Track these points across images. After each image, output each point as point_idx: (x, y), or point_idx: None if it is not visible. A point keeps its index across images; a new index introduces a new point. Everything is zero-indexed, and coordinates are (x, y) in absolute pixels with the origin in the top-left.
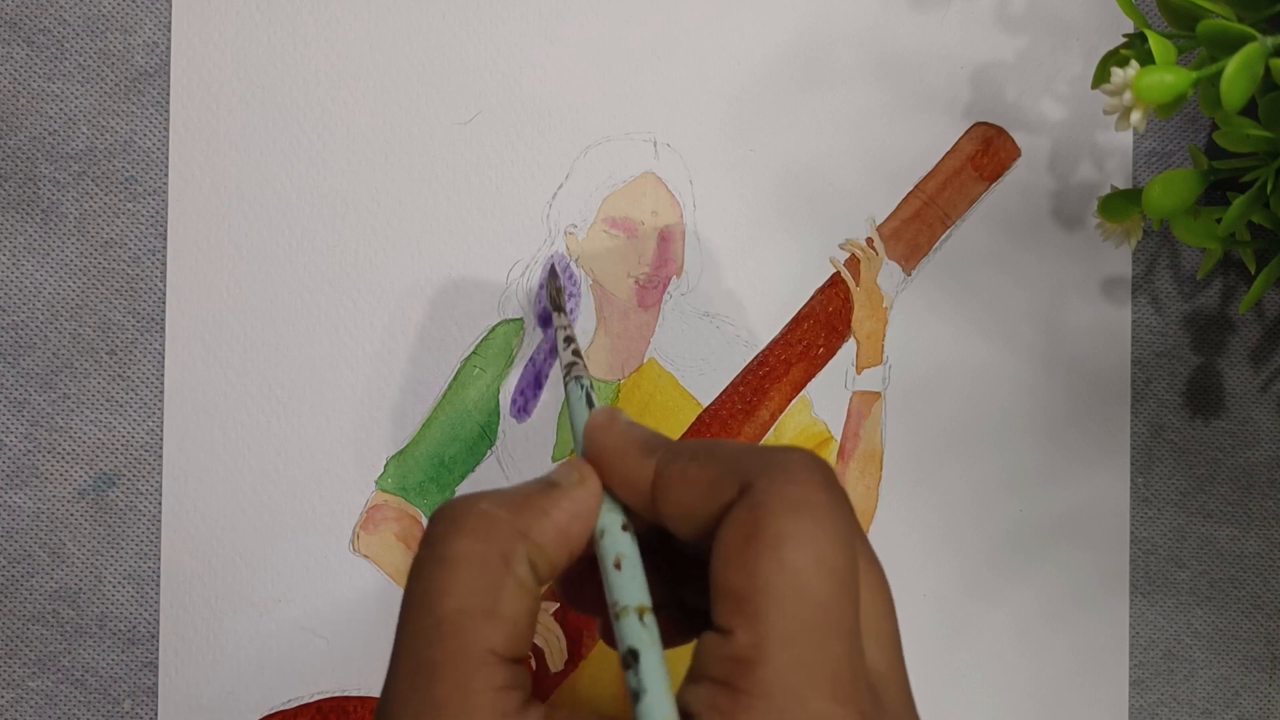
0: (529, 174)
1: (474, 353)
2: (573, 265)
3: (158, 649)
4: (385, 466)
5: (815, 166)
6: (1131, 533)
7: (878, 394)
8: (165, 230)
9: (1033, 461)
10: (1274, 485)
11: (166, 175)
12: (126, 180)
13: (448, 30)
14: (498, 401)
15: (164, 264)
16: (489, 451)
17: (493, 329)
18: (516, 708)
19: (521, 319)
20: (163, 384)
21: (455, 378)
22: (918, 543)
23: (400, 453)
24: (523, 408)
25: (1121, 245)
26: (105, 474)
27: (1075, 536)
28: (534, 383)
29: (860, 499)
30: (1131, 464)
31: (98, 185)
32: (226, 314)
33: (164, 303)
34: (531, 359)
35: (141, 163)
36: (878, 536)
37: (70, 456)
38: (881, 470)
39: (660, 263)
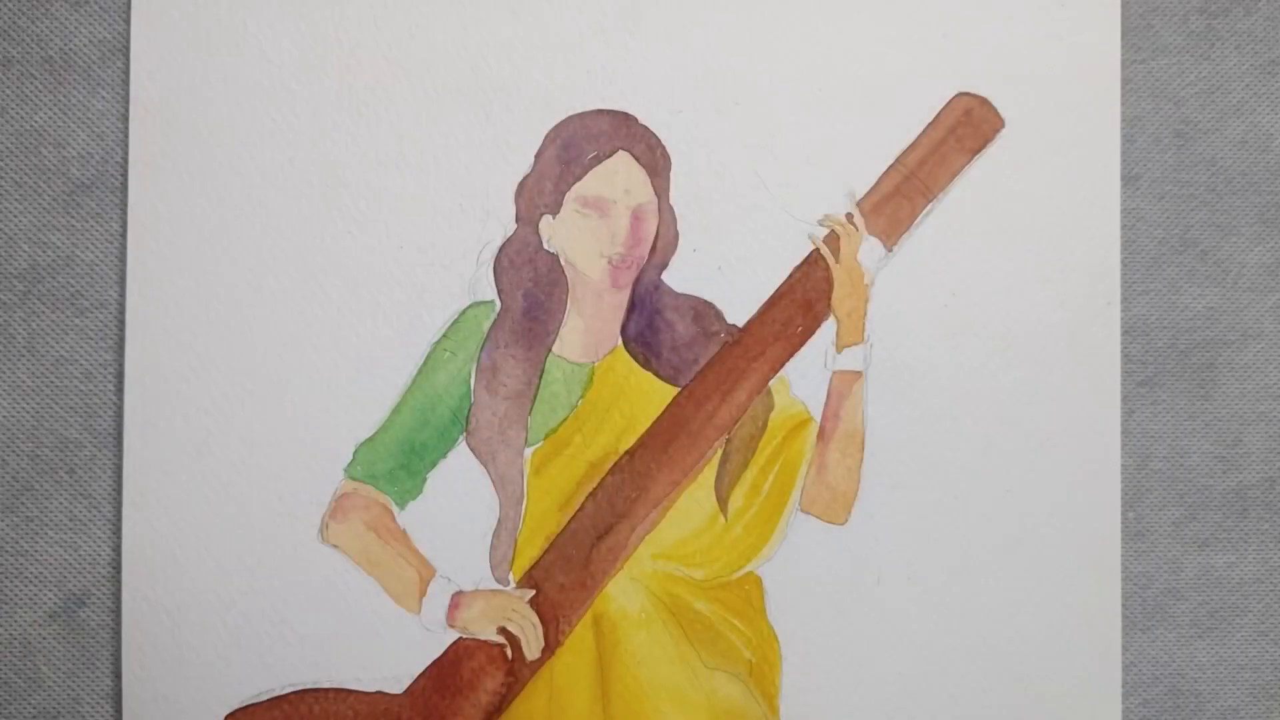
0: (499, 153)
1: (445, 336)
2: (545, 245)
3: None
4: (354, 454)
5: (793, 140)
6: (1125, 567)
7: (859, 373)
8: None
9: (1020, 449)
10: (1268, 507)
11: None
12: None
13: (414, 9)
14: (469, 385)
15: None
16: (460, 437)
17: (463, 311)
18: None
19: (493, 301)
20: (123, 396)
21: (425, 362)
22: (902, 525)
23: (369, 440)
24: None
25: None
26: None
27: (1071, 534)
28: None
29: (841, 481)
30: (1123, 491)
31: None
32: (189, 298)
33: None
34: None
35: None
36: (859, 524)
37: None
38: (863, 452)
39: (634, 242)
